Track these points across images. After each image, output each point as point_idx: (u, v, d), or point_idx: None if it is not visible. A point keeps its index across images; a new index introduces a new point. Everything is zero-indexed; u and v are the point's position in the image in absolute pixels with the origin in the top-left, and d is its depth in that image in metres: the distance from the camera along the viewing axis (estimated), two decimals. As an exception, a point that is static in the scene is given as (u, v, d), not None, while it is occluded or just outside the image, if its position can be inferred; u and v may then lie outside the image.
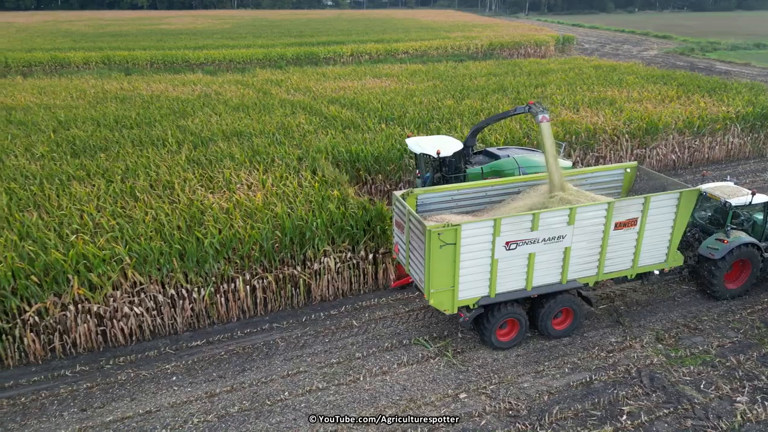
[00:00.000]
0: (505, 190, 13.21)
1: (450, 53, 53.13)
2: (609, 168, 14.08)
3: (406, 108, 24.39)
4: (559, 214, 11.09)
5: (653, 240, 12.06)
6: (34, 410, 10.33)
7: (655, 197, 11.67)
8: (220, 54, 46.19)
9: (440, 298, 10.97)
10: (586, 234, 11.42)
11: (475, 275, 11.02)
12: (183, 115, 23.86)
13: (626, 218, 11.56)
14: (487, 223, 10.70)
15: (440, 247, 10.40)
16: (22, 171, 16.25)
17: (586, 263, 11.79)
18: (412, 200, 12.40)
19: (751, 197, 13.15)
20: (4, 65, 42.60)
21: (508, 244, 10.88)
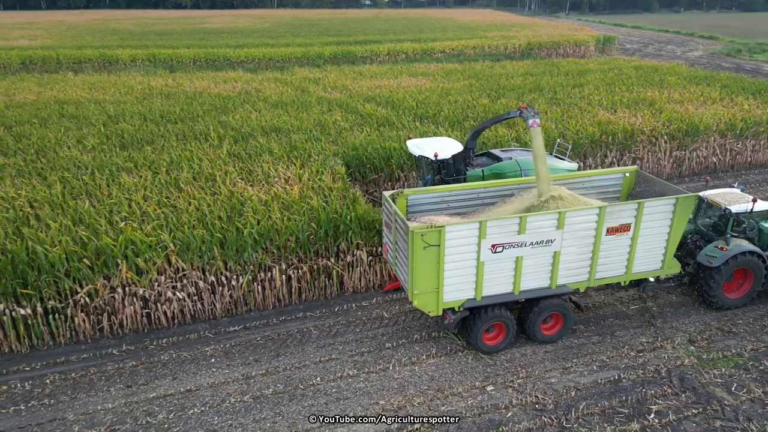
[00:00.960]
0: (497, 192, 13.01)
1: (487, 53, 52.94)
2: (608, 172, 13.78)
3: (441, 106, 24.58)
4: (548, 218, 10.87)
5: (648, 246, 11.71)
6: (84, 385, 11.02)
7: (650, 203, 11.34)
8: (260, 52, 47.21)
9: (424, 300, 10.85)
10: (576, 239, 11.17)
11: (460, 277, 10.88)
12: (224, 111, 24.64)
13: (618, 223, 11.25)
14: (472, 225, 10.51)
15: (424, 248, 10.30)
16: (75, 162, 17.18)
17: (577, 268, 11.54)
18: (403, 201, 12.33)
19: (752, 204, 12.72)
20: (55, 62, 44.61)
21: (494, 246, 10.73)
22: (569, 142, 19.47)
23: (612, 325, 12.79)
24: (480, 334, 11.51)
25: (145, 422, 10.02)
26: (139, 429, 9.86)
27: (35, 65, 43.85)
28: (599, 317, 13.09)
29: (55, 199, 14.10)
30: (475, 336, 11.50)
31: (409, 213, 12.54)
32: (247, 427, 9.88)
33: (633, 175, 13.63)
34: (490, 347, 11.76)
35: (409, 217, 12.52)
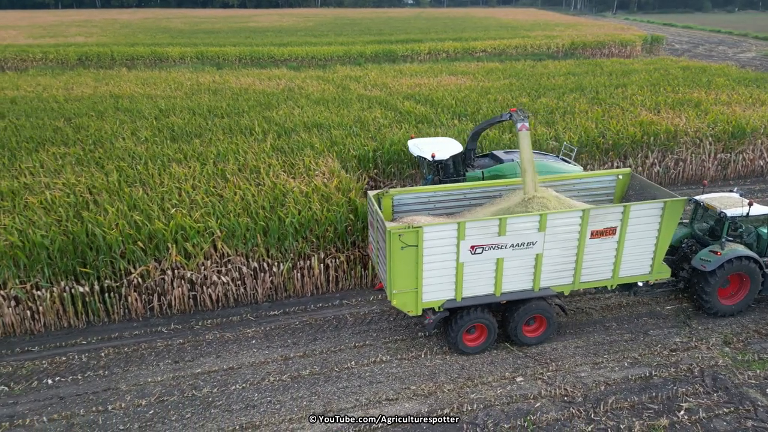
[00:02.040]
0: (484, 193, 12.92)
1: (529, 52, 52.47)
2: (600, 174, 13.60)
3: (480, 105, 24.73)
4: (529, 220, 10.79)
5: (636, 250, 11.53)
6: (135, 359, 11.82)
7: (636, 206, 11.15)
8: (303, 51, 48.16)
9: (403, 299, 10.88)
10: (559, 241, 11.05)
11: (439, 278, 10.86)
12: (268, 107, 25.44)
13: (603, 227, 11.11)
14: (450, 226, 10.49)
15: (402, 248, 10.33)
16: (130, 152, 18.20)
17: (561, 271, 11.42)
18: (388, 201, 12.34)
19: (747, 208, 12.42)
20: (110, 58, 46.63)
21: (473, 248, 10.68)
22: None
23: (646, 324, 12.80)
24: (460, 335, 11.46)
25: (190, 395, 10.70)
26: (185, 401, 10.54)
27: (91, 61, 45.95)
28: (633, 316, 13.11)
29: (112, 186, 15.03)
30: (456, 337, 11.44)
31: (395, 213, 12.52)
32: (284, 404, 10.43)
33: (626, 177, 13.38)
34: (471, 348, 11.68)
35: (395, 217, 12.52)
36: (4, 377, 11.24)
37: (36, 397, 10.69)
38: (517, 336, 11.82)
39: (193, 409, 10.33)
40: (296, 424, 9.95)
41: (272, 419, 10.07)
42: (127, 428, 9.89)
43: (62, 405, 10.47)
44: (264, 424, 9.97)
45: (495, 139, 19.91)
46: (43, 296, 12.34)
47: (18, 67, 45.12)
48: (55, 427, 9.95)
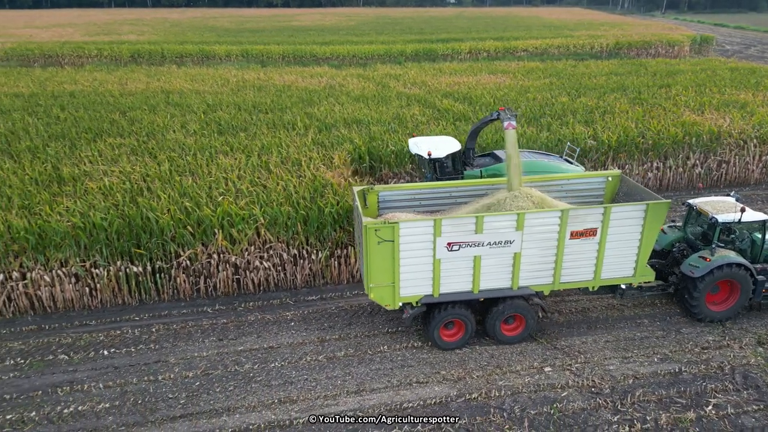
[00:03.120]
0: (471, 192, 12.92)
1: (572, 52, 51.86)
2: (589, 175, 13.49)
3: (519, 103, 24.85)
4: (506, 218, 10.79)
5: (618, 252, 11.43)
6: (183, 335, 12.63)
7: (617, 208, 11.07)
8: (345, 49, 48.97)
9: (380, 293, 11.04)
10: (537, 241, 11.05)
11: (416, 273, 10.97)
12: (310, 104, 26.23)
13: (583, 228, 11.03)
14: (426, 222, 10.60)
15: (378, 243, 10.48)
16: (180, 144, 19.20)
17: (540, 271, 11.40)
18: (374, 197, 12.47)
19: (740, 214, 12.17)
20: (160, 55, 48.55)
21: (450, 245, 10.74)
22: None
23: (678, 322, 12.84)
24: (437, 330, 11.61)
25: (233, 370, 11.41)
26: (228, 375, 11.26)
27: (143, 58, 47.96)
28: (666, 314, 13.16)
29: (164, 175, 15.98)
30: (433, 331, 11.61)
31: (380, 209, 12.66)
32: (320, 382, 11.01)
33: (616, 179, 13.26)
34: (448, 344, 11.79)
35: (381, 214, 12.63)
36: (64, 347, 12.22)
37: (93, 366, 11.60)
38: (495, 334, 11.90)
39: (236, 382, 11.03)
40: (330, 401, 10.51)
41: (308, 395, 10.66)
42: (176, 397, 10.66)
43: (117, 374, 11.35)
44: (301, 399, 10.57)
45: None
46: (101, 274, 13.31)
47: (75, 62, 47.51)
48: (110, 393, 10.81)
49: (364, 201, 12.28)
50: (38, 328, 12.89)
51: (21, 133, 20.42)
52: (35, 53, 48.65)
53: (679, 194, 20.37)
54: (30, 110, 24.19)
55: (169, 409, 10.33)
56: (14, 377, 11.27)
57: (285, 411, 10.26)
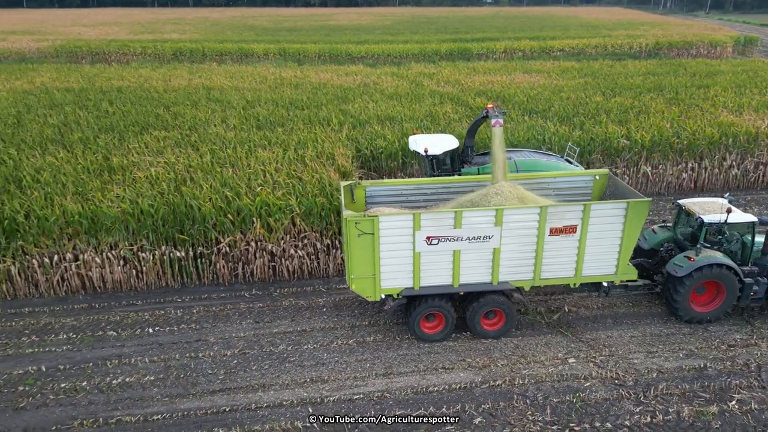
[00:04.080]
0: (457, 188, 13.07)
1: (609, 52, 51.22)
2: (577, 174, 13.53)
3: (552, 102, 24.92)
4: (484, 214, 10.93)
5: (599, 250, 11.47)
6: (222, 317, 13.34)
7: (597, 205, 11.09)
8: (380, 48, 49.53)
9: (362, 285, 11.33)
10: (516, 237, 11.17)
11: (396, 266, 11.21)
12: (345, 101, 26.84)
13: (563, 224, 11.11)
14: (406, 216, 10.82)
15: (358, 235, 10.75)
16: (220, 137, 20.04)
17: (520, 266, 11.51)
18: (361, 192, 12.76)
19: (725, 215, 12.04)
20: (201, 54, 50.05)
21: (429, 239, 10.95)
22: None
23: (706, 320, 12.87)
24: (418, 322, 11.86)
25: (268, 350, 12.04)
26: (263, 355, 11.89)
27: (184, 56, 49.55)
28: (693, 312, 13.19)
29: (206, 166, 16.78)
30: (413, 323, 11.87)
31: (367, 204, 12.94)
32: (350, 364, 11.54)
33: (604, 178, 13.27)
34: (429, 336, 12.04)
35: (368, 208, 12.87)
36: (112, 324, 13.08)
37: (139, 342, 12.40)
38: (476, 328, 12.06)
39: (270, 362, 11.65)
40: (360, 382, 11.02)
41: (339, 376, 11.19)
42: (215, 373, 11.34)
43: (161, 350, 12.12)
44: (331, 379, 11.11)
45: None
46: (147, 258, 14.14)
47: (120, 60, 49.43)
48: (155, 367, 11.57)
49: (352, 196, 12.67)
50: (89, 307, 13.80)
51: (73, 126, 21.63)
52: (83, 50, 50.80)
53: (714, 195, 20.14)
54: (81, 104, 25.51)
55: (209, 384, 11.02)
56: (67, 350, 12.15)
57: (316, 389, 10.82)
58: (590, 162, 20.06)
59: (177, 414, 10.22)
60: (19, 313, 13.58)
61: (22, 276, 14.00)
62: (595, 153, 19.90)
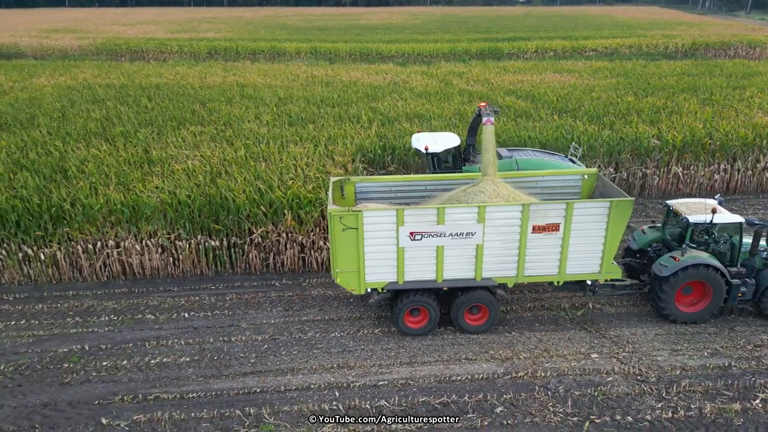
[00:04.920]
0: (445, 185, 13.13)
1: (644, 52, 50.49)
2: (566, 173, 13.53)
3: (582, 102, 24.84)
4: (467, 210, 11.04)
5: (582, 248, 11.51)
6: (253, 304, 13.87)
7: (580, 204, 11.14)
8: (410, 47, 49.85)
9: (346, 278, 11.58)
10: (499, 234, 11.27)
11: (381, 261, 11.40)
12: (374, 99, 27.26)
13: (545, 222, 11.17)
14: (389, 212, 11.02)
15: (343, 230, 10.97)
16: (254, 133, 20.68)
17: (503, 263, 11.59)
18: (351, 188, 12.95)
19: (711, 216, 11.88)
20: (235, 52, 51.21)
21: (412, 234, 11.12)
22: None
23: (734, 320, 12.84)
24: (402, 316, 12.04)
25: (297, 336, 12.50)
26: (292, 341, 12.35)
27: (219, 54, 50.77)
28: (720, 312, 13.16)
29: (240, 160, 17.38)
30: (397, 317, 12.05)
31: (357, 200, 13.14)
32: (375, 353, 11.90)
33: (593, 177, 13.27)
34: (413, 330, 12.22)
35: (358, 204, 13.08)
36: (151, 308, 13.73)
37: (175, 326, 13.01)
38: (459, 322, 12.24)
39: (299, 348, 12.11)
40: (385, 369, 11.37)
41: (365, 363, 11.57)
42: (246, 356, 11.85)
43: (196, 333, 12.70)
44: (357, 366, 11.49)
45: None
46: (183, 246, 14.77)
47: (158, 58, 50.91)
48: (190, 349, 12.14)
49: (342, 191, 12.96)
50: (129, 291, 14.50)
51: (115, 120, 22.58)
52: (123, 48, 52.51)
53: (747, 197, 19.89)
54: (121, 100, 26.54)
55: (241, 366, 11.53)
56: (108, 331, 12.84)
57: (343, 375, 11.22)
58: (619, 162, 20.00)
59: (211, 393, 10.75)
60: (64, 295, 14.37)
61: (68, 261, 14.79)
62: (624, 153, 19.82)
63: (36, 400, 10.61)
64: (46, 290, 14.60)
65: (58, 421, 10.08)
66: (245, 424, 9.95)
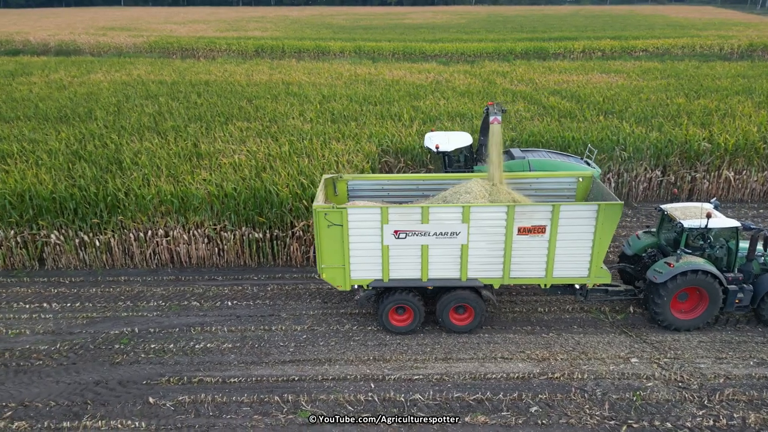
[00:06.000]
0: (438, 185, 13.07)
1: (697, 53, 48.72)
2: (561, 175, 13.29)
3: (630, 103, 24.27)
4: (451, 210, 11.02)
5: (570, 252, 11.33)
6: (293, 295, 14.24)
7: (566, 206, 10.93)
8: (453, 47, 49.64)
9: (332, 274, 11.68)
10: (484, 234, 11.18)
11: (365, 258, 11.45)
12: (416, 98, 27.35)
13: (531, 224, 11.04)
14: (374, 210, 11.07)
15: (328, 226, 11.05)
16: (298, 129, 21.13)
17: (488, 264, 11.51)
18: (343, 186, 13.02)
19: (705, 220, 11.42)
20: (281, 50, 52.13)
21: (396, 232, 11.14)
22: None
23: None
24: (386, 313, 12.10)
25: (335, 328, 12.78)
26: (330, 332, 12.64)
27: (265, 52, 51.80)
28: (770, 321, 12.72)
29: (284, 155, 17.82)
30: (382, 315, 12.14)
31: (350, 198, 13.23)
32: (411, 347, 12.05)
33: (588, 180, 12.99)
34: (397, 328, 12.25)
35: (351, 202, 13.14)
36: (196, 296, 14.29)
37: (219, 314, 13.50)
38: (444, 322, 12.22)
39: (337, 339, 12.38)
40: (420, 364, 11.51)
41: (400, 357, 11.74)
42: (286, 345, 12.20)
43: (238, 321, 13.15)
44: (393, 359, 11.67)
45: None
46: (228, 237, 15.29)
47: (207, 56, 52.37)
48: (233, 336, 12.59)
49: (334, 189, 13.07)
50: (176, 279, 15.12)
51: (166, 115, 23.47)
52: (174, 46, 54.23)
53: (803, 205, 19.05)
54: (173, 96, 27.53)
55: (281, 355, 11.89)
56: (157, 316, 13.44)
57: (378, 368, 11.42)
58: (667, 165, 19.49)
59: (251, 379, 11.14)
60: (116, 280, 15.10)
61: (120, 248, 15.54)
62: (672, 156, 19.30)
63: (89, 378, 11.24)
64: (99, 275, 15.39)
65: (108, 399, 10.66)
66: (283, 410, 10.28)
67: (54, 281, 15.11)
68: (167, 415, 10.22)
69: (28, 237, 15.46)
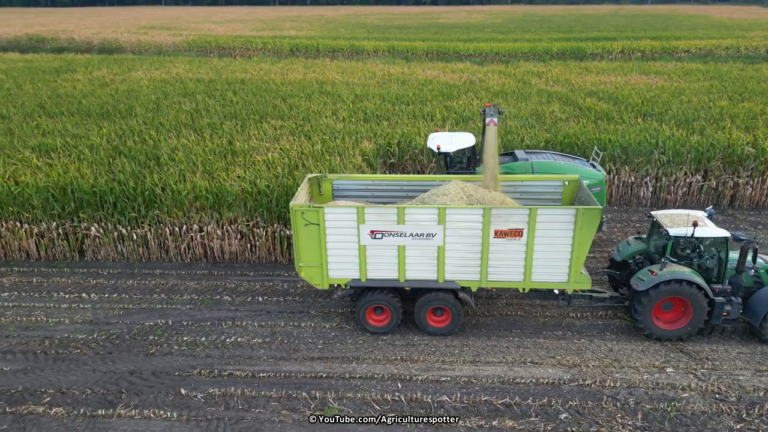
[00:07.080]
0: (422, 186, 12.93)
1: (742, 54, 47.14)
2: (547, 178, 13.09)
3: (670, 105, 23.62)
4: (426, 211, 10.97)
5: (548, 256, 11.14)
6: (323, 292, 14.25)
7: (543, 210, 10.78)
8: (488, 47, 49.21)
9: (310, 273, 11.69)
10: (460, 236, 11.10)
11: (343, 257, 11.45)
12: (449, 97, 27.21)
13: (508, 227, 10.90)
14: (350, 209, 11.07)
15: (305, 225, 11.07)
16: (330, 128, 21.27)
17: (465, 266, 11.40)
18: (328, 185, 12.99)
19: (692, 229, 10.93)
20: (316, 50, 52.61)
21: (373, 232, 11.11)
22: None
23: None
24: (363, 313, 12.16)
25: (363, 327, 12.81)
26: (358, 331, 12.66)
27: (300, 51, 52.37)
28: (815, 334, 12.18)
29: (316, 154, 17.96)
30: (359, 315, 12.20)
31: (334, 197, 13.21)
32: (439, 349, 11.99)
33: (574, 184, 12.71)
34: (375, 328, 12.29)
35: (334, 201, 13.04)
36: (228, 291, 14.53)
37: (250, 309, 13.69)
38: (421, 323, 12.21)
39: (365, 338, 12.41)
40: (448, 366, 11.44)
41: (428, 358, 11.69)
42: (314, 342, 12.30)
43: (268, 316, 13.31)
44: (420, 360, 11.63)
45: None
46: (261, 234, 15.50)
47: (244, 54, 53.24)
48: (263, 330, 12.76)
49: (319, 188, 13.05)
50: (209, 273, 15.41)
51: (203, 112, 23.94)
52: (212, 45, 55.32)
53: None
54: (209, 93, 28.07)
55: (309, 351, 11.99)
56: (190, 309, 13.72)
57: (406, 368, 11.40)
58: (708, 169, 18.88)
59: (280, 374, 11.26)
60: (152, 273, 15.48)
61: (156, 241, 15.92)
62: (714, 160, 18.69)
63: (124, 368, 11.56)
64: (136, 268, 15.80)
65: (142, 388, 10.93)
66: (310, 407, 10.36)
67: (93, 272, 15.59)
68: (198, 406, 10.43)
69: (69, 229, 15.98)
